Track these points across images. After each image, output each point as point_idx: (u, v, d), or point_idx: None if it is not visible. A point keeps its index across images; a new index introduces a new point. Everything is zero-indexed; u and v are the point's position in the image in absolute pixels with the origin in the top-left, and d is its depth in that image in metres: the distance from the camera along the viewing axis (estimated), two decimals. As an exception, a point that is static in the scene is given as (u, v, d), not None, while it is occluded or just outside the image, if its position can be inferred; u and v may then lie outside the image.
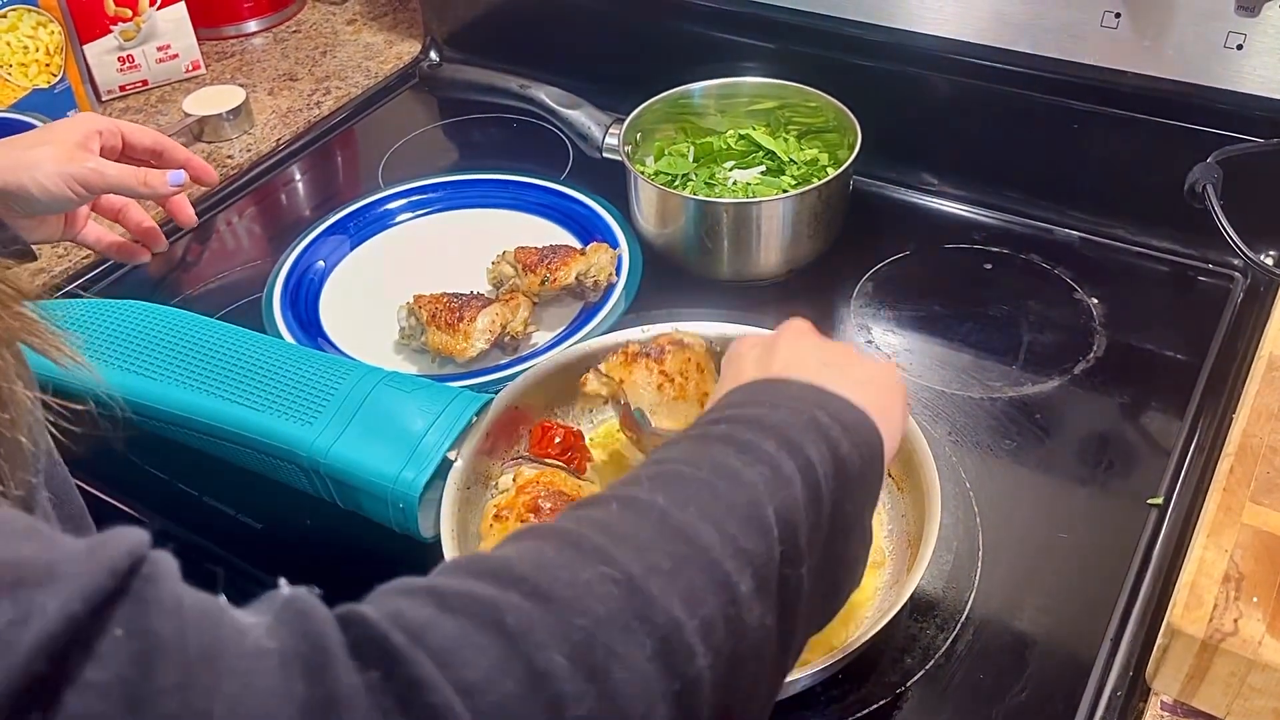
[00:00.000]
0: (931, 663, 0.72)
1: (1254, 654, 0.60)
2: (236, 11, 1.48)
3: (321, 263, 1.07)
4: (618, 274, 1.00)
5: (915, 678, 0.71)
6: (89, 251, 1.10)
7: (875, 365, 0.60)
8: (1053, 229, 1.08)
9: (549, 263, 0.97)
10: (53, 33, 1.24)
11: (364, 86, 1.37)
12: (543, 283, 0.97)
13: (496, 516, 0.75)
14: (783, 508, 0.45)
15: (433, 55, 1.42)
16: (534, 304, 0.97)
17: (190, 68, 1.39)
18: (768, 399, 0.52)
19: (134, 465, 0.88)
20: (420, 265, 1.07)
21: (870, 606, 0.74)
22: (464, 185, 1.16)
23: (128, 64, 1.34)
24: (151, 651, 0.31)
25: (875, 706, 0.70)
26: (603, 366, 0.82)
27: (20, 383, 0.47)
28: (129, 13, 1.31)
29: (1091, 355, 0.95)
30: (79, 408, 0.51)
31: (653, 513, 0.42)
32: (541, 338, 0.98)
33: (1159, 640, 0.64)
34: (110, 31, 1.31)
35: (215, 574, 0.40)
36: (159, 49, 1.35)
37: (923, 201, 1.14)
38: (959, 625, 0.74)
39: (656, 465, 0.47)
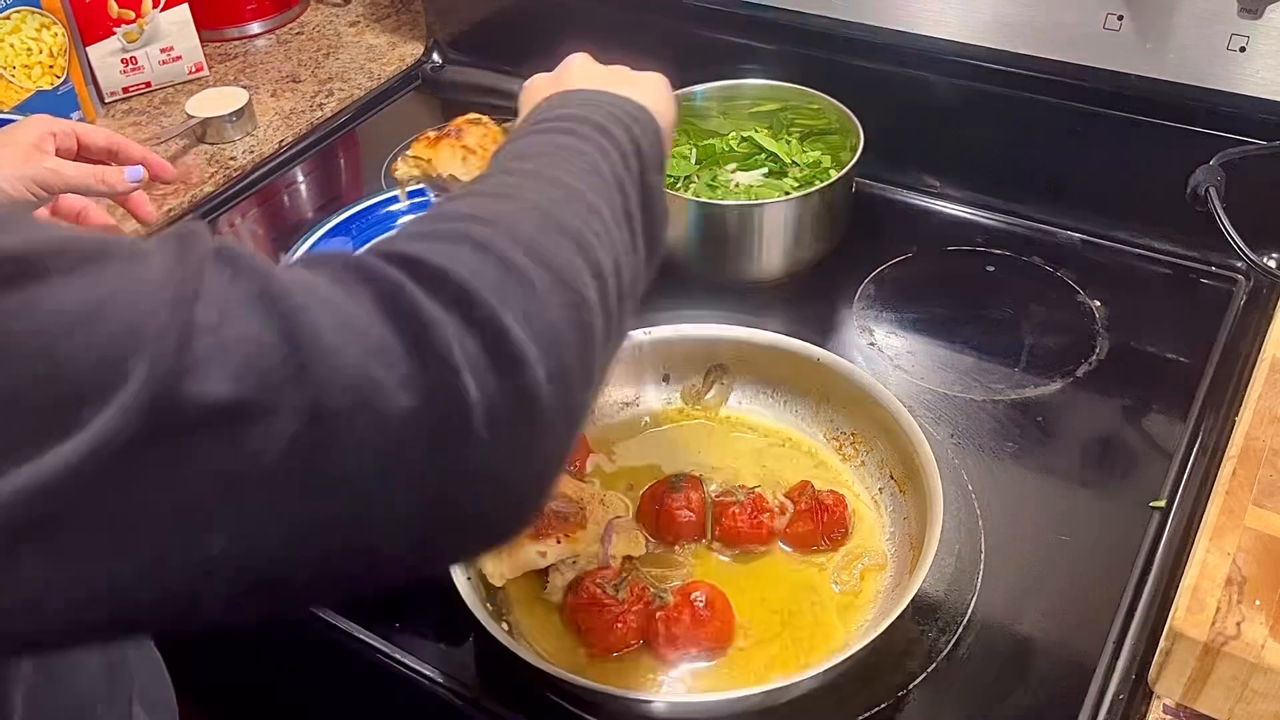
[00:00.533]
0: (933, 665, 0.72)
1: (1256, 657, 0.60)
2: (239, 13, 1.48)
3: None
4: None
5: (917, 680, 0.71)
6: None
7: (647, 75, 0.69)
8: (1055, 231, 1.08)
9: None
10: (56, 35, 1.24)
11: (367, 88, 1.37)
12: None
13: None
14: (611, 169, 0.54)
15: (435, 57, 1.42)
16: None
17: (193, 69, 1.39)
18: (571, 103, 0.60)
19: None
20: None
21: (872, 609, 0.74)
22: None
23: (131, 66, 1.34)
24: (293, 324, 0.36)
25: (877, 709, 0.70)
26: (409, 154, 0.88)
27: None
28: (132, 15, 1.31)
29: (1094, 358, 0.95)
30: None
31: (532, 176, 0.51)
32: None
33: (1161, 644, 0.64)
34: (114, 33, 1.31)
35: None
36: (162, 51, 1.35)
37: (925, 204, 1.14)
38: (961, 628, 0.74)
39: (516, 154, 0.54)
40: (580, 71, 0.68)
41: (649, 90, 0.66)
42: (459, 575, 0.70)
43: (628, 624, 0.71)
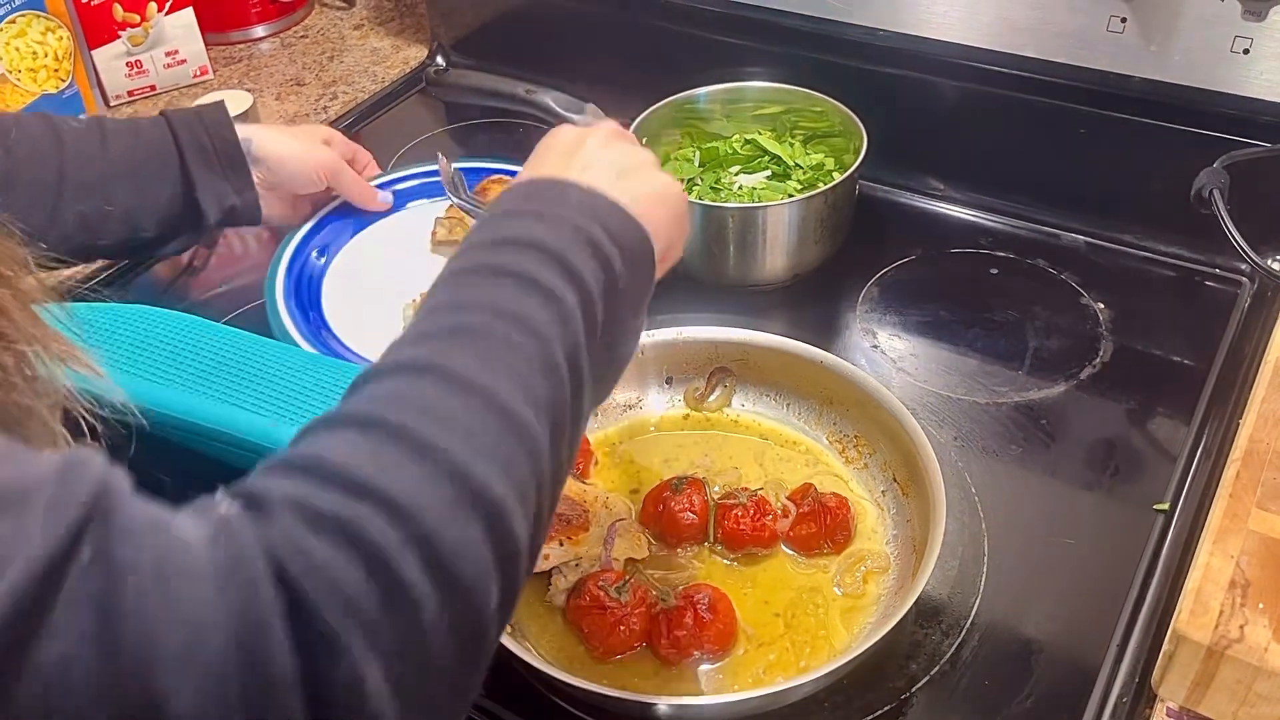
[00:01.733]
0: (936, 668, 0.72)
1: (1260, 661, 0.59)
2: (244, 17, 1.49)
3: (317, 255, 1.05)
4: None
5: (920, 684, 0.71)
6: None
7: (666, 182, 0.63)
8: (1059, 234, 1.08)
9: None
10: (61, 38, 1.25)
11: (371, 91, 1.38)
12: None
13: None
14: (569, 347, 0.50)
15: (439, 60, 1.42)
16: None
17: (198, 73, 1.39)
18: (550, 204, 0.55)
19: (142, 470, 0.89)
20: (424, 258, 1.05)
21: (875, 612, 0.73)
22: (473, 175, 1.09)
23: (136, 69, 1.34)
24: (114, 575, 0.35)
25: (880, 712, 0.69)
26: (444, 214, 1.03)
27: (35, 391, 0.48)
28: (137, 18, 1.32)
29: (1098, 360, 0.95)
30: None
31: (458, 382, 0.45)
32: None
33: (1165, 647, 0.63)
34: (119, 37, 1.32)
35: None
36: (167, 54, 1.36)
37: (929, 206, 1.14)
38: (964, 631, 0.74)
39: (449, 314, 0.50)
40: (596, 158, 0.61)
41: (659, 201, 0.60)
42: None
43: (630, 627, 0.71)
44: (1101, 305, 1.00)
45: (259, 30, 1.50)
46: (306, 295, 1.01)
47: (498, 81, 1.19)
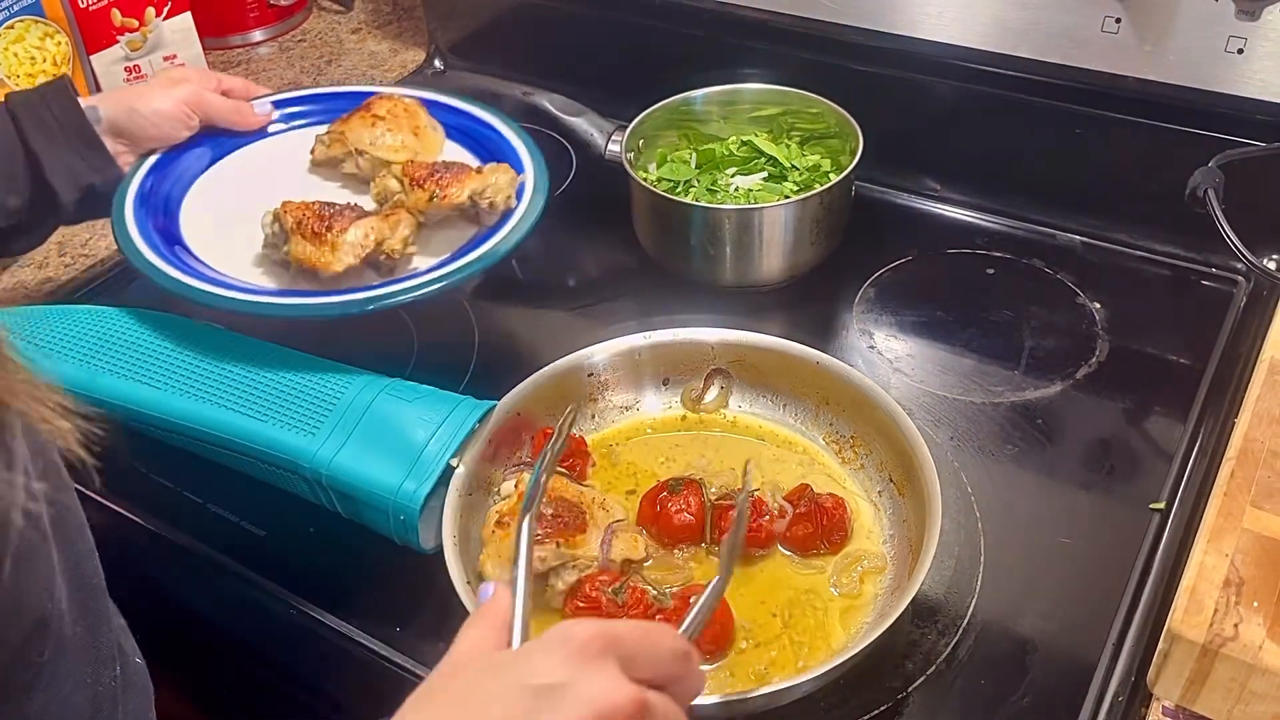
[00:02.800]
0: (933, 668, 0.72)
1: (1254, 659, 0.60)
2: (242, 21, 1.49)
3: (178, 173, 0.98)
4: (518, 200, 0.92)
5: (917, 683, 0.71)
6: (97, 259, 1.11)
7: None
8: (1055, 234, 1.09)
9: (439, 178, 0.90)
10: (60, 43, 1.25)
11: (368, 95, 1.38)
12: (430, 199, 0.90)
13: (499, 523, 0.75)
14: None
15: (437, 63, 1.42)
16: (419, 223, 0.91)
17: (196, 77, 1.39)
18: None
19: (138, 472, 0.89)
20: (297, 178, 1.01)
21: (872, 611, 0.74)
22: (353, 98, 1.05)
23: (134, 74, 1.35)
24: None
25: (876, 712, 0.70)
26: (323, 132, 0.99)
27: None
28: (135, 23, 1.32)
29: (1094, 360, 0.95)
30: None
31: None
32: (424, 261, 0.90)
33: (1160, 645, 0.64)
34: (117, 42, 1.32)
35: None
36: (165, 59, 1.36)
37: (925, 207, 1.14)
38: (960, 630, 0.74)
39: None
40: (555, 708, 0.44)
41: None
42: (459, 580, 0.70)
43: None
44: (1097, 305, 1.00)
45: (257, 34, 1.50)
46: (163, 207, 0.94)
47: (495, 84, 1.19)
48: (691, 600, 0.64)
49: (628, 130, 1.07)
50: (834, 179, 1.00)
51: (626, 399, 0.89)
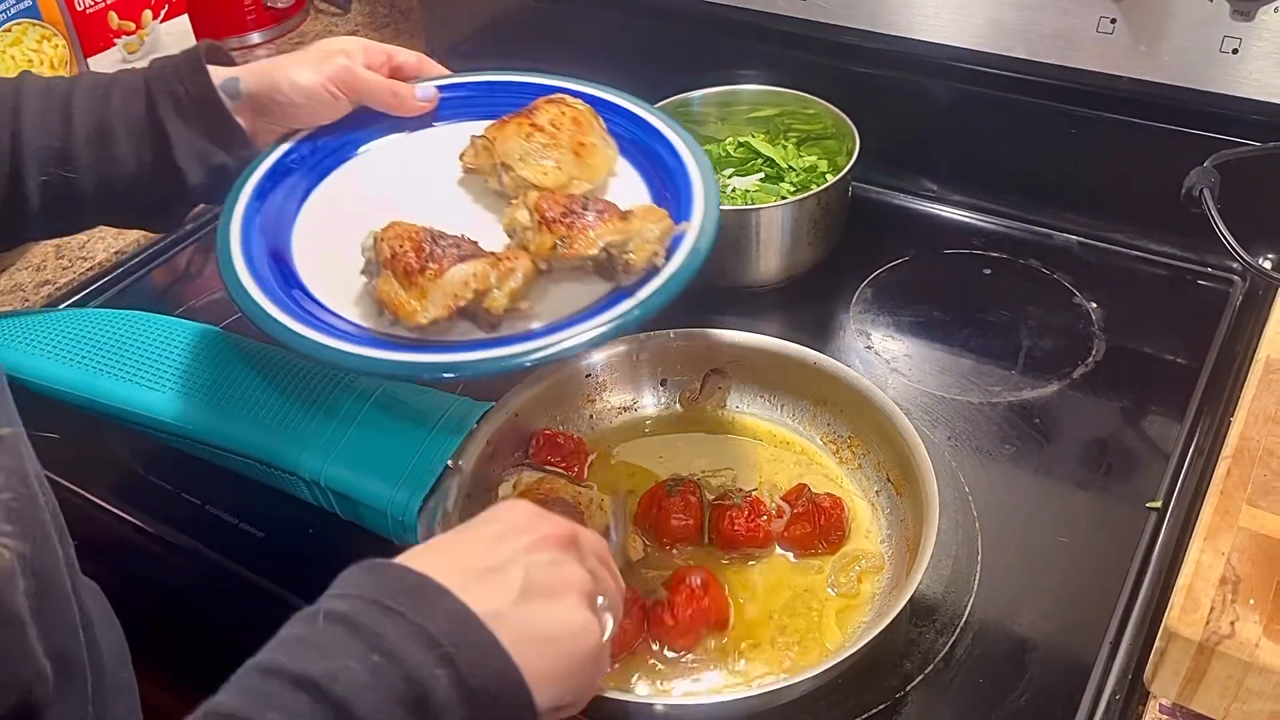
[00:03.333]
0: (931, 667, 0.72)
1: (1251, 656, 0.60)
2: (239, 23, 1.49)
3: (308, 168, 0.84)
4: (668, 257, 0.72)
5: (915, 682, 0.71)
6: (94, 262, 1.11)
7: (582, 622, 0.53)
8: (1051, 234, 1.09)
9: (572, 222, 0.72)
10: (57, 46, 1.25)
11: (366, 97, 1.38)
12: (554, 247, 0.72)
13: None
14: None
15: (434, 65, 1.42)
16: (540, 272, 0.73)
17: (193, 80, 1.39)
18: (404, 621, 0.47)
19: (137, 475, 0.89)
20: (438, 186, 0.84)
21: (870, 611, 0.74)
22: (532, 92, 0.87)
23: (131, 76, 1.35)
24: None
25: (874, 711, 0.70)
26: (477, 135, 0.82)
27: None
28: (132, 26, 1.32)
29: (1090, 359, 0.95)
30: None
31: None
32: (530, 319, 0.72)
33: (1157, 643, 0.64)
34: (114, 44, 1.32)
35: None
36: (162, 61, 1.36)
37: (921, 207, 1.15)
38: (958, 629, 0.74)
39: None
40: (512, 563, 0.52)
41: (561, 647, 0.51)
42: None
43: (624, 628, 0.71)
44: (1094, 305, 1.01)
45: (254, 37, 1.51)
46: (276, 212, 0.80)
47: (492, 86, 1.19)
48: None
49: (625, 132, 1.07)
50: (831, 180, 1.00)
51: (624, 399, 0.89)
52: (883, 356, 0.97)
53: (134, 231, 1.14)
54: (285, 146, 0.83)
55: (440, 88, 0.88)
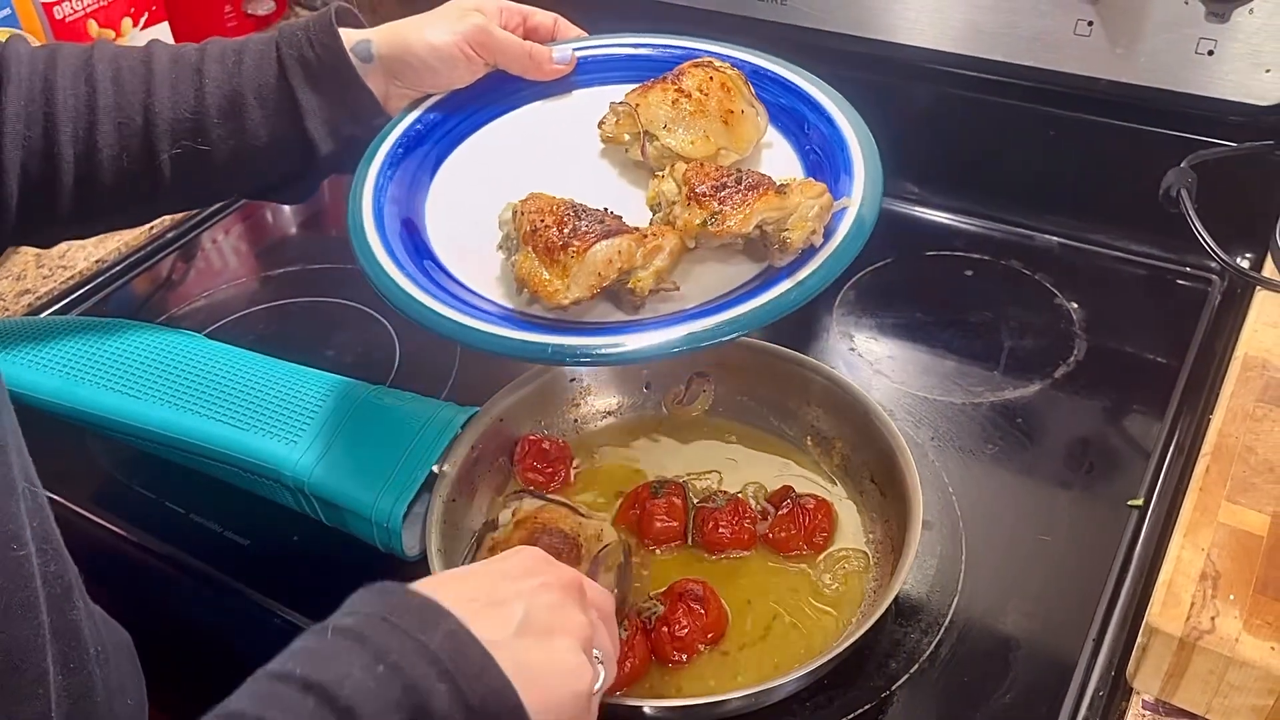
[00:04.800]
0: (916, 666, 0.72)
1: (1231, 651, 0.60)
2: (220, 31, 1.49)
3: (439, 136, 0.80)
4: (827, 236, 0.66)
5: (900, 681, 0.71)
6: (75, 271, 1.11)
7: (578, 665, 0.53)
8: (1032, 235, 1.10)
9: (724, 195, 0.66)
10: (36, 54, 1.24)
11: (348, 103, 1.38)
12: (704, 224, 0.66)
13: (492, 550, 0.74)
14: None
15: (416, 72, 1.42)
16: (686, 249, 0.67)
17: (174, 87, 1.39)
18: (407, 638, 0.48)
19: (120, 483, 0.89)
20: (578, 155, 0.79)
21: (855, 611, 0.74)
22: (673, 58, 0.82)
23: (112, 84, 1.34)
24: None
25: (860, 710, 0.70)
26: (617, 101, 0.76)
27: None
28: (112, 34, 1.32)
29: (1072, 359, 0.96)
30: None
31: None
32: (676, 300, 0.66)
33: (1138, 639, 0.64)
34: (94, 52, 1.32)
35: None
36: (143, 69, 1.36)
37: (903, 210, 1.15)
38: (943, 628, 0.74)
39: None
40: (513, 596, 0.53)
41: (554, 681, 0.51)
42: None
43: (635, 658, 0.70)
44: (1075, 305, 1.01)
45: (235, 44, 1.50)
46: (410, 181, 0.76)
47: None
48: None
49: (607, 136, 1.07)
50: (813, 183, 1.00)
51: (609, 403, 0.89)
52: (866, 358, 0.97)
53: (114, 239, 1.13)
54: (416, 113, 0.79)
55: (578, 50, 0.83)
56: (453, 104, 0.81)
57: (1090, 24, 0.97)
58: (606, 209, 0.68)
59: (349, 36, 0.77)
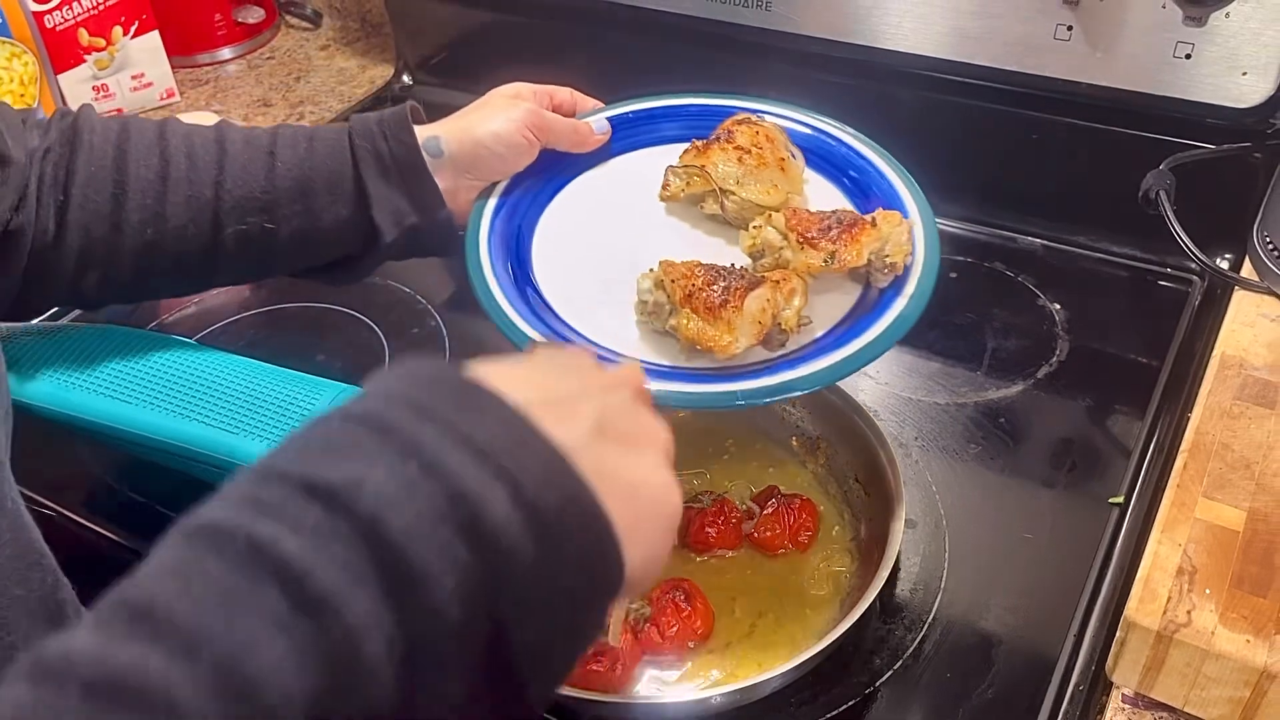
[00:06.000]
0: (900, 663, 0.73)
1: (1207, 644, 0.61)
2: (210, 39, 1.50)
3: (517, 214, 0.84)
4: (912, 252, 0.77)
5: (884, 678, 0.72)
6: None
7: (666, 482, 0.43)
8: (1015, 237, 1.11)
9: (835, 235, 0.74)
10: (27, 63, 1.25)
11: (338, 111, 1.39)
12: (826, 262, 0.74)
13: None
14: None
15: (405, 78, 1.43)
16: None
17: (165, 95, 1.40)
18: (447, 428, 0.36)
19: (111, 489, 0.89)
20: (649, 216, 0.85)
21: (839, 609, 0.75)
22: (695, 117, 0.91)
23: (102, 93, 1.35)
24: None
25: (844, 707, 0.71)
26: (676, 165, 0.83)
27: None
28: (103, 42, 1.33)
29: (1054, 360, 0.97)
30: None
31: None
32: (810, 331, 0.75)
33: (1117, 634, 0.65)
34: (84, 61, 1.32)
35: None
36: (133, 77, 1.36)
37: (888, 213, 1.16)
38: (927, 625, 0.75)
39: (154, 616, 0.31)
40: (588, 399, 0.42)
41: (643, 501, 0.41)
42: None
43: (629, 664, 0.71)
44: (1058, 306, 1.02)
45: (225, 52, 1.51)
46: (516, 265, 0.80)
47: (464, 98, 1.20)
48: None
49: (594, 142, 1.08)
50: (797, 187, 1.02)
51: (596, 406, 0.90)
52: (851, 360, 0.98)
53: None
54: (492, 202, 0.83)
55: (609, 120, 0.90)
56: (517, 189, 0.85)
57: (1070, 29, 0.98)
58: (733, 265, 0.75)
59: (420, 133, 0.81)
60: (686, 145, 0.85)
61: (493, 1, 1.32)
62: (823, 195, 0.86)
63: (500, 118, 0.82)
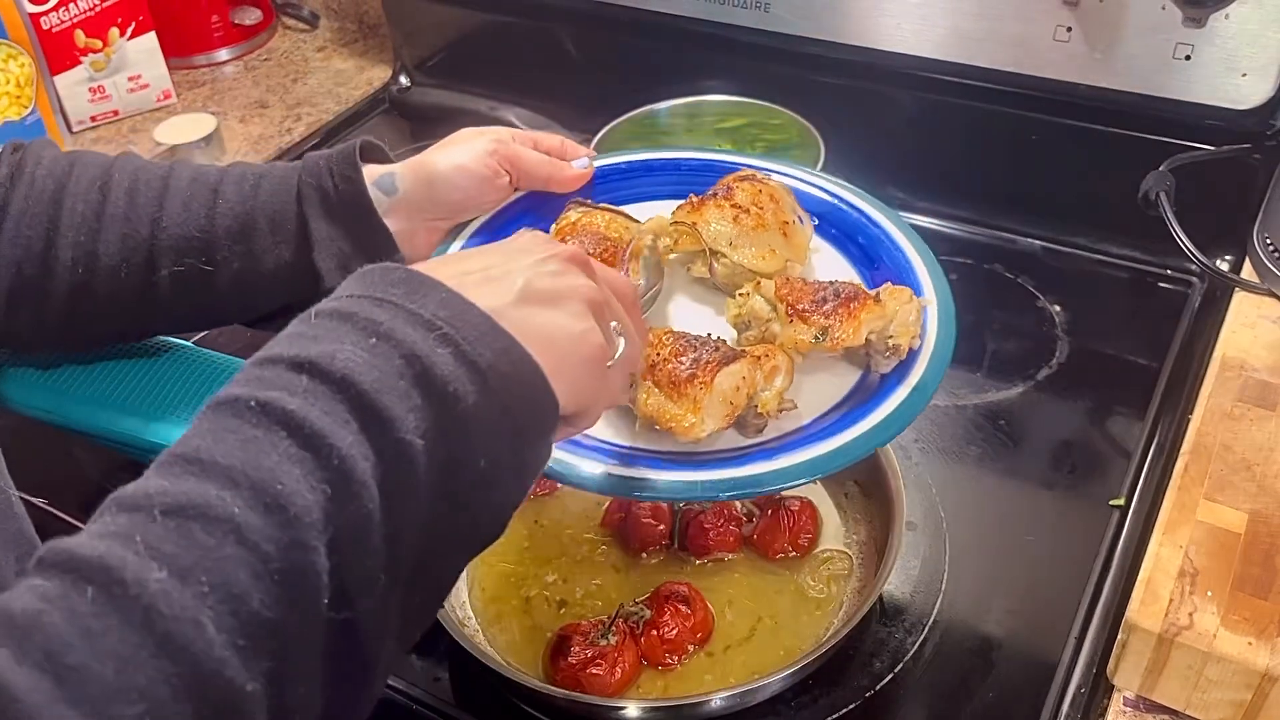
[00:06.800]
0: (901, 665, 0.73)
1: (1209, 646, 0.61)
2: (207, 40, 1.49)
3: None
4: (922, 335, 0.68)
5: (885, 680, 0.72)
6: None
7: (586, 330, 0.51)
8: (1015, 239, 1.10)
9: (828, 310, 0.66)
10: (23, 65, 1.25)
11: (335, 112, 1.38)
12: (817, 339, 0.66)
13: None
14: (343, 535, 0.41)
15: (403, 80, 1.43)
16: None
17: (161, 97, 1.39)
18: (397, 309, 0.46)
19: (106, 491, 0.89)
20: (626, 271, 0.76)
21: (839, 613, 0.75)
22: (696, 173, 0.83)
23: (99, 94, 1.35)
24: None
25: (845, 710, 0.71)
26: (669, 218, 0.74)
27: None
28: (99, 44, 1.32)
29: (1054, 361, 0.97)
30: None
31: (136, 609, 0.38)
32: (794, 418, 0.65)
33: (1119, 636, 0.65)
34: (81, 63, 1.32)
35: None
36: (130, 79, 1.36)
37: (887, 214, 1.16)
38: (927, 628, 0.75)
39: (181, 480, 0.42)
40: (510, 269, 0.51)
41: (563, 346, 0.50)
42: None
43: (625, 664, 0.70)
44: (1057, 308, 1.02)
45: (222, 54, 1.51)
46: None
47: (461, 99, 1.21)
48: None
49: (593, 143, 1.08)
50: (796, 188, 1.01)
51: (595, 408, 0.90)
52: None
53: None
54: (457, 245, 0.77)
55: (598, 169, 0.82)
56: (486, 233, 0.78)
57: (1069, 29, 0.98)
58: (710, 335, 0.66)
59: (373, 171, 0.75)
60: (682, 201, 0.76)
61: (490, 3, 1.31)
62: (832, 268, 0.77)
63: (463, 148, 0.77)
